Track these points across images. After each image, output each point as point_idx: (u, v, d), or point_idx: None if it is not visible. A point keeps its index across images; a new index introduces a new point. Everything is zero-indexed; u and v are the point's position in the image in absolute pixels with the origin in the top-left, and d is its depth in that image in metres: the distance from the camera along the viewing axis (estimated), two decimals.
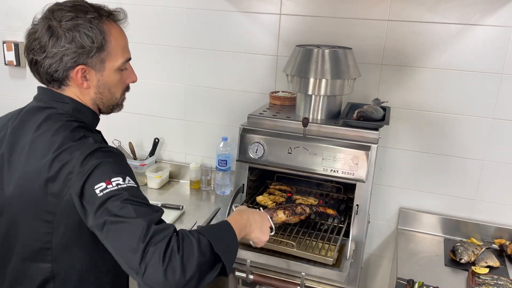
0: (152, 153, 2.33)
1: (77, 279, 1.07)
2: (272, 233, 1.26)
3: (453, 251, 1.77)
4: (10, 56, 2.43)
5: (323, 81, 1.55)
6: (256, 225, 1.17)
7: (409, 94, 1.89)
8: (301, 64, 1.56)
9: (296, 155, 1.50)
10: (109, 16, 1.07)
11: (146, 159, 2.29)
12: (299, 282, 1.45)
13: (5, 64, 2.46)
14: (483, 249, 1.76)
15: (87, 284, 1.09)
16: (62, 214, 0.99)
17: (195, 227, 1.86)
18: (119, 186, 0.92)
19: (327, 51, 1.55)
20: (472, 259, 1.71)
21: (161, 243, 0.86)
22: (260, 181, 1.80)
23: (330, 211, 1.56)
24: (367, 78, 1.90)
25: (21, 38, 2.43)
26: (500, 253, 1.79)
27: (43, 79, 1.07)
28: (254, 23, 2.02)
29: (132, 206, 0.91)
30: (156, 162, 2.36)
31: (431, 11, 1.78)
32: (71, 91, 1.08)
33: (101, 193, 0.91)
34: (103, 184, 0.92)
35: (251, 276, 1.50)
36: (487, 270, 1.66)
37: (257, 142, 1.53)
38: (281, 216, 1.39)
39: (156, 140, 2.32)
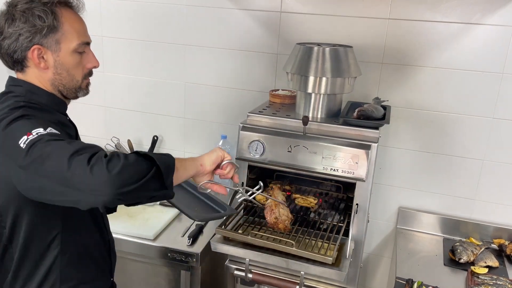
0: (151, 150, 2.32)
1: (23, 242, 1.12)
2: None
3: (452, 251, 1.77)
4: None
5: (324, 79, 1.54)
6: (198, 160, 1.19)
7: (410, 93, 1.88)
8: (302, 62, 1.56)
9: (296, 153, 1.49)
10: (63, 2, 1.13)
11: None
12: (298, 281, 1.44)
13: None
14: (482, 249, 1.76)
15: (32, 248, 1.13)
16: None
17: (193, 226, 1.86)
18: (39, 134, 0.97)
19: (327, 49, 1.54)
20: (471, 259, 1.70)
21: (86, 153, 0.92)
22: (259, 179, 1.79)
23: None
24: (368, 77, 1.89)
25: None
26: (499, 253, 1.79)
27: (7, 62, 1.13)
28: (254, 20, 2.01)
29: (56, 142, 0.96)
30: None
31: (432, 10, 1.77)
32: (32, 72, 1.12)
33: (24, 145, 0.95)
34: (25, 137, 0.96)
35: (250, 275, 1.50)
36: (486, 270, 1.65)
37: (256, 141, 1.52)
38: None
39: (155, 138, 2.31)
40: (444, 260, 1.76)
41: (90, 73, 1.21)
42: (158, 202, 2.00)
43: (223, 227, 1.52)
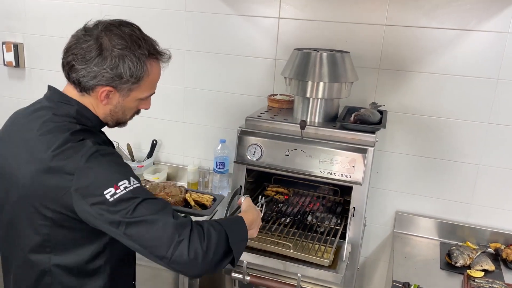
0: (150, 155, 2.34)
1: (75, 271, 1.11)
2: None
3: (449, 255, 1.78)
4: (10, 57, 2.44)
5: (321, 84, 1.56)
6: (256, 224, 1.25)
7: (406, 98, 1.91)
8: (299, 67, 1.58)
9: (293, 157, 1.51)
10: (157, 56, 1.13)
11: (144, 160, 2.30)
12: (295, 284, 1.45)
13: (4, 65, 2.47)
14: (479, 253, 1.77)
15: (83, 275, 1.12)
16: (60, 212, 1.02)
17: None
18: (127, 189, 0.98)
19: (325, 54, 1.56)
20: (468, 262, 1.72)
21: (185, 232, 0.97)
22: (257, 183, 1.81)
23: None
24: (365, 82, 1.91)
25: (20, 39, 2.45)
26: (496, 257, 1.80)
27: (70, 79, 1.10)
28: (253, 26, 2.04)
29: (146, 204, 0.99)
30: (154, 164, 2.36)
31: (428, 16, 1.80)
32: (89, 100, 1.11)
33: (112, 198, 0.97)
34: (112, 189, 0.97)
35: (247, 278, 1.51)
36: (482, 273, 1.67)
37: (254, 144, 1.54)
38: None
39: (154, 142, 2.33)
40: (441, 264, 1.78)
41: (138, 112, 1.23)
42: None
43: None
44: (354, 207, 1.50)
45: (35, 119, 1.09)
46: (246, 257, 1.48)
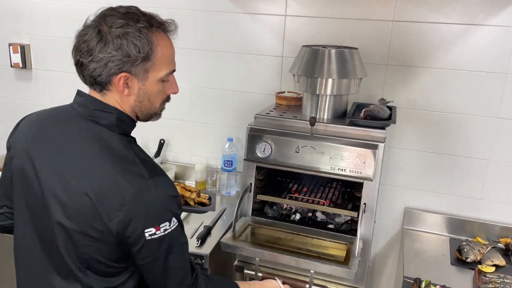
0: (157, 154, 2.34)
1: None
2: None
3: (459, 250, 1.78)
4: (16, 58, 2.44)
5: (330, 80, 1.56)
6: None
7: (414, 94, 1.90)
8: (308, 64, 1.58)
9: (303, 154, 1.51)
10: (160, 26, 1.06)
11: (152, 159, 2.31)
12: (308, 280, 1.46)
13: (11, 66, 2.48)
14: (489, 248, 1.77)
15: None
16: (107, 233, 0.99)
17: (201, 228, 1.87)
18: (166, 232, 0.99)
19: (333, 51, 1.56)
20: (478, 258, 1.71)
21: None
22: (267, 180, 1.81)
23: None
24: (373, 78, 1.91)
25: (27, 40, 2.46)
26: (506, 252, 1.80)
27: (86, 81, 1.06)
28: (260, 24, 2.04)
29: (172, 257, 1.03)
30: (161, 163, 2.37)
31: (435, 11, 1.79)
32: (112, 96, 1.06)
33: (150, 237, 0.98)
34: (153, 230, 0.98)
35: (260, 274, 1.51)
36: (493, 268, 1.66)
37: (264, 141, 1.54)
38: None
39: (162, 141, 2.33)
40: (451, 260, 1.77)
41: (168, 99, 1.16)
42: None
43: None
44: (365, 203, 1.50)
45: (73, 129, 1.06)
46: (258, 254, 1.49)
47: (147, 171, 1.00)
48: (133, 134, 1.20)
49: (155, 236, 0.98)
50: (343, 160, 1.46)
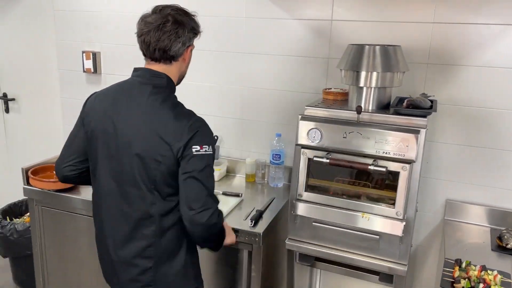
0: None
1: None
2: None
3: (500, 238, 1.86)
4: (88, 64, 2.76)
5: (374, 73, 1.72)
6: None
7: (454, 90, 2.02)
8: (354, 59, 1.74)
9: (350, 139, 1.66)
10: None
11: None
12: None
13: (84, 71, 2.79)
14: None
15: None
16: (169, 158, 1.38)
17: (254, 211, 2.04)
18: (206, 152, 1.40)
19: (377, 47, 1.72)
20: None
21: (215, 206, 1.43)
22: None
23: None
24: (414, 76, 2.05)
25: (98, 48, 2.77)
26: None
27: (157, 56, 1.44)
28: (307, 29, 2.23)
29: (206, 173, 1.39)
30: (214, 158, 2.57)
31: (474, 13, 1.92)
32: (176, 66, 1.49)
33: (196, 153, 1.38)
34: (198, 147, 1.38)
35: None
36: None
37: (314, 128, 1.71)
38: None
39: (215, 137, 2.55)
40: (492, 246, 1.85)
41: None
42: (221, 192, 2.21)
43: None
44: (408, 186, 1.63)
45: (137, 91, 1.44)
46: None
47: (192, 113, 1.46)
48: None
49: (199, 153, 1.36)
50: (387, 144, 1.61)
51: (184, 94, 2.57)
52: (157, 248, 1.47)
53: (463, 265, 1.67)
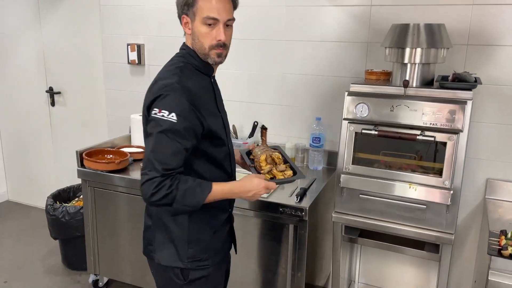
0: (251, 134, 2.65)
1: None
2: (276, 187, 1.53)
3: None
4: (133, 56, 2.89)
5: (419, 50, 1.78)
6: (243, 193, 1.46)
7: (495, 70, 2.06)
8: (399, 37, 1.81)
9: (397, 112, 1.73)
10: None
11: (247, 139, 2.62)
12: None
13: (128, 63, 2.93)
14: None
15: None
16: (144, 118, 1.43)
17: (298, 189, 2.12)
18: (163, 117, 1.32)
19: (422, 24, 1.79)
20: None
21: (147, 176, 1.32)
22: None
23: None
24: (454, 57, 2.10)
25: (142, 40, 2.90)
26: None
27: None
28: (347, 15, 2.32)
29: (159, 138, 1.33)
30: (255, 143, 2.66)
31: None
32: (187, 37, 1.47)
33: (153, 114, 1.34)
34: (156, 110, 1.33)
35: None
36: None
37: (362, 103, 1.78)
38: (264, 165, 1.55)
39: (255, 123, 2.64)
40: None
41: (217, 46, 1.42)
42: None
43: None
44: (455, 155, 1.68)
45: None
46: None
47: (178, 78, 1.36)
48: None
49: (156, 116, 1.32)
50: (434, 115, 1.67)
51: (225, 82, 2.72)
52: (151, 208, 1.52)
53: (509, 235, 1.71)
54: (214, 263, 1.54)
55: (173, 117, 1.31)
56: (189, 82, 1.39)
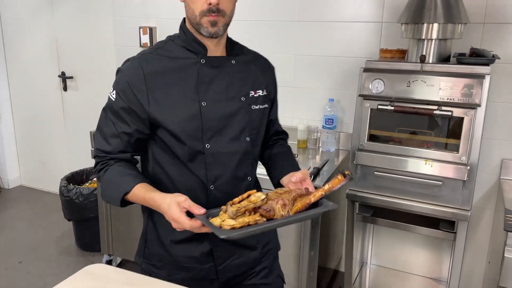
0: None
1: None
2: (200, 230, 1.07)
3: None
4: (145, 39, 2.90)
5: (435, 25, 1.76)
6: (163, 212, 1.13)
7: (511, 49, 2.04)
8: (416, 12, 1.80)
9: (414, 88, 1.72)
10: None
11: None
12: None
13: (140, 46, 2.93)
14: None
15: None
16: None
17: (311, 169, 2.12)
18: (108, 94, 1.23)
19: None
20: None
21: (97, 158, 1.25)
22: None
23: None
24: (470, 37, 2.07)
25: (154, 23, 2.90)
26: None
27: None
28: None
29: (101, 115, 1.25)
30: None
31: None
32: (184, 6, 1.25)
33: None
34: (111, 90, 1.23)
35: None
36: None
37: (378, 79, 1.77)
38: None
39: None
40: None
41: (209, 10, 1.16)
42: None
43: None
44: (472, 130, 1.67)
45: None
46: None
47: (141, 54, 1.24)
48: None
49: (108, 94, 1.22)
50: (452, 90, 1.65)
51: None
52: None
53: None
54: (172, 278, 1.24)
55: (113, 94, 1.20)
56: (156, 59, 1.21)
